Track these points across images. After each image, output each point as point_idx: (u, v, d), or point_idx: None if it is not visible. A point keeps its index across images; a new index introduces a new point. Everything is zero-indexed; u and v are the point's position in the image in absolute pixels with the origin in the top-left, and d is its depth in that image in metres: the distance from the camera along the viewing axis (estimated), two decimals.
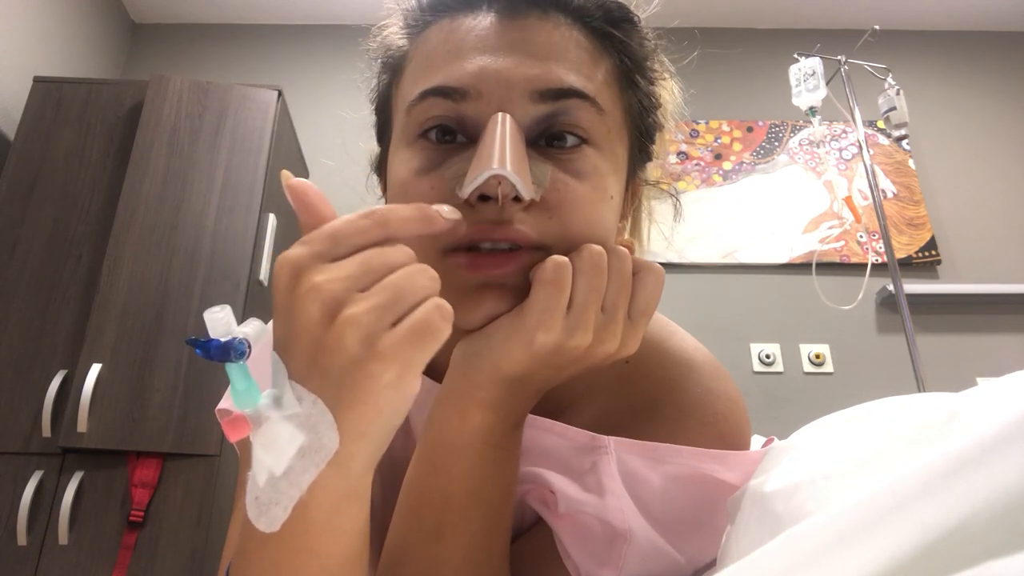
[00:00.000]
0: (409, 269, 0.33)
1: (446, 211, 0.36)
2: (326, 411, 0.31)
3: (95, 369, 1.54)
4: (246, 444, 0.54)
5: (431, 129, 0.43)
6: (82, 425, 1.49)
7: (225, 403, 0.55)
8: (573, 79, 0.42)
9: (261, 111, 1.88)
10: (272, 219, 1.82)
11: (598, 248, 0.40)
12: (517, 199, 0.39)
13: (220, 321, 0.33)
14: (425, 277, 0.33)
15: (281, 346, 0.33)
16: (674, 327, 0.55)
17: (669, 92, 0.53)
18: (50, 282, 1.70)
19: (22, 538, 1.47)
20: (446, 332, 0.32)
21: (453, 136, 0.42)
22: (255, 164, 1.82)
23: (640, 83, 0.48)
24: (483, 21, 0.43)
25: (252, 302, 1.70)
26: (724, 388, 0.51)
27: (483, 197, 0.39)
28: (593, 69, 0.44)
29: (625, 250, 0.41)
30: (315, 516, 0.33)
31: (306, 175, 2.31)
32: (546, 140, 0.42)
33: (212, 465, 1.54)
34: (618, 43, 0.46)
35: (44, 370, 1.62)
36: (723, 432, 0.49)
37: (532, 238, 0.40)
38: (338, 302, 0.31)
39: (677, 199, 0.56)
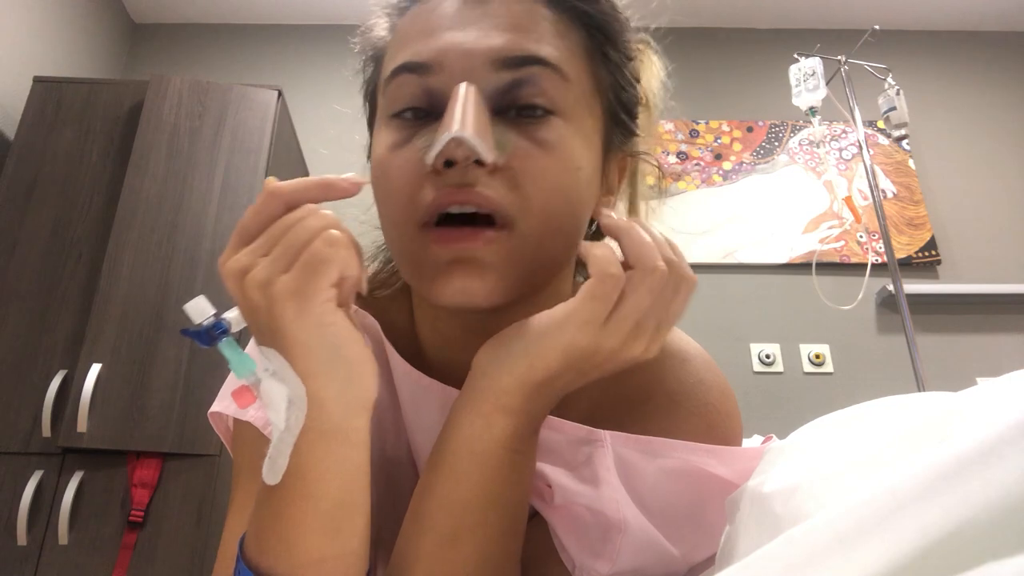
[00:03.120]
0: (302, 220, 0.36)
1: (350, 176, 0.39)
2: (284, 360, 0.36)
3: (95, 369, 1.54)
4: (238, 446, 0.54)
5: (405, 110, 0.44)
6: (82, 425, 1.49)
7: (217, 406, 0.55)
8: (535, 47, 0.43)
9: (261, 111, 1.88)
10: None
11: (662, 271, 0.39)
12: (481, 163, 0.40)
13: (198, 309, 0.38)
14: (317, 218, 0.36)
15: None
16: None
17: (649, 66, 0.54)
18: (50, 282, 1.70)
19: (22, 538, 1.47)
20: (334, 257, 0.35)
21: (428, 115, 0.44)
22: (255, 164, 1.82)
23: (612, 56, 0.48)
24: (449, 2, 0.45)
25: None
26: (716, 380, 0.52)
27: (449, 163, 0.40)
28: (557, 39, 0.44)
29: (691, 279, 0.41)
30: (307, 460, 0.38)
31: (306, 175, 2.31)
32: (515, 111, 0.43)
33: (212, 465, 1.54)
34: (584, 16, 0.46)
35: (44, 370, 1.61)
36: (713, 422, 0.50)
37: (496, 203, 0.40)
38: (244, 270, 0.36)
39: (661, 169, 0.57)
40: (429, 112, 0.43)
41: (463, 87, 0.40)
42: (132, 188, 1.73)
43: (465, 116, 0.39)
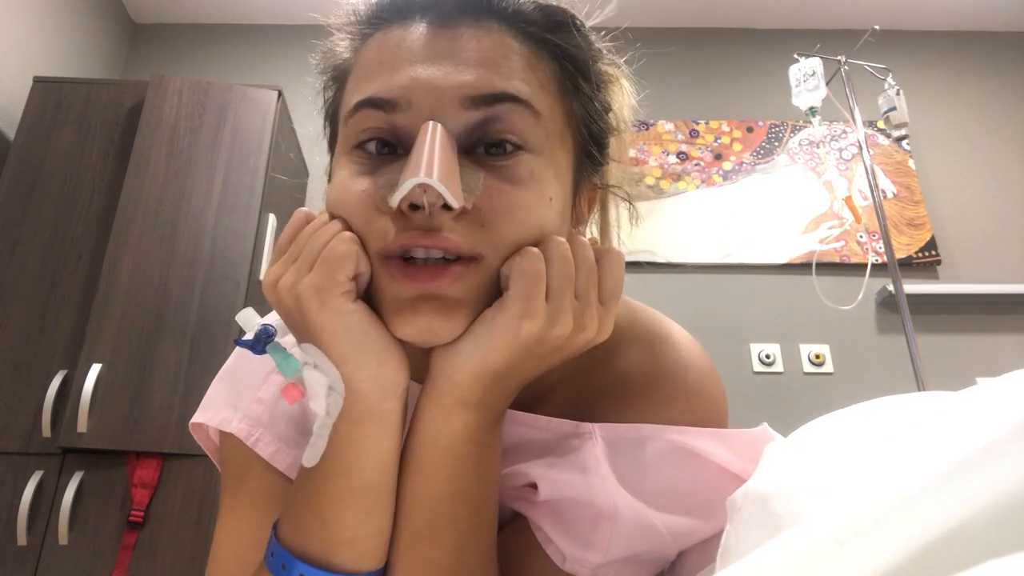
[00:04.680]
0: (321, 227, 0.41)
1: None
2: (321, 352, 0.40)
3: (95, 369, 1.54)
4: (224, 457, 0.54)
5: (368, 141, 0.43)
6: (82, 425, 1.49)
7: (199, 417, 0.55)
8: (505, 83, 0.41)
9: (261, 111, 1.88)
10: (272, 219, 1.82)
11: (561, 239, 0.41)
12: (447, 207, 0.39)
13: (247, 320, 0.43)
14: (332, 225, 0.41)
15: None
16: (642, 305, 0.55)
17: (620, 93, 0.53)
18: (50, 282, 1.70)
19: (22, 538, 1.47)
20: (349, 254, 0.39)
21: (393, 148, 0.43)
22: (255, 164, 1.82)
23: (583, 87, 0.47)
24: (415, 32, 0.43)
25: (252, 302, 1.69)
26: (697, 362, 0.52)
27: (414, 205, 0.39)
28: (528, 74, 0.43)
29: (584, 238, 0.43)
30: (344, 440, 0.41)
31: (306, 175, 2.31)
32: (484, 148, 0.42)
33: (212, 465, 1.52)
34: (556, 48, 0.45)
35: (44, 370, 1.62)
36: (693, 404, 0.50)
37: (463, 248, 0.40)
38: (278, 279, 0.41)
39: (631, 203, 0.56)
40: (394, 146, 0.42)
41: (430, 127, 0.39)
42: (132, 188, 1.73)
43: (432, 159, 0.37)
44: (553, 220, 0.43)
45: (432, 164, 0.37)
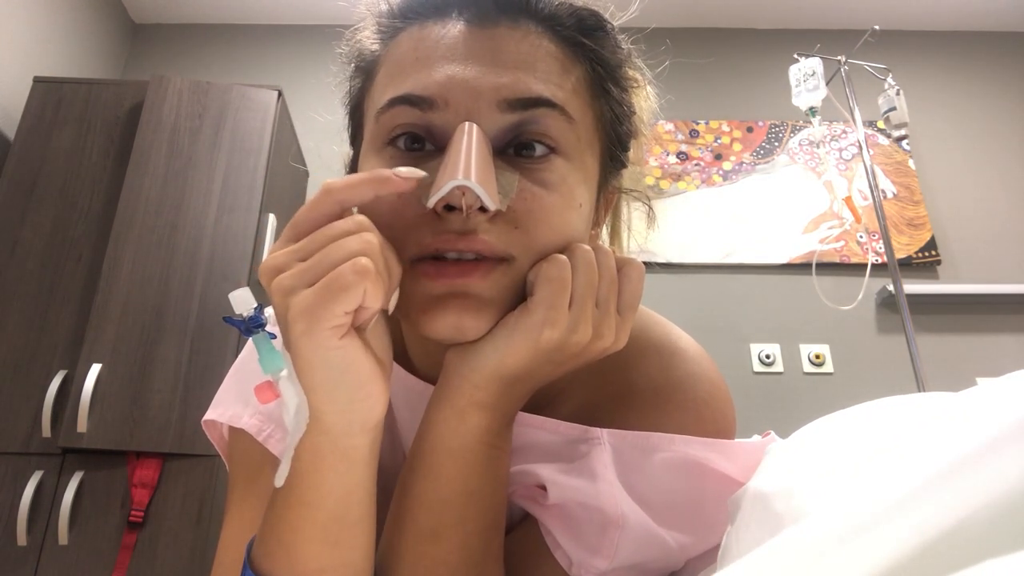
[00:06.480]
0: (344, 238, 0.35)
1: (403, 171, 0.38)
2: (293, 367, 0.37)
3: (95, 369, 1.54)
4: (233, 454, 0.54)
5: (399, 137, 0.42)
6: (82, 425, 1.49)
7: (211, 414, 0.55)
8: (542, 88, 0.42)
9: (261, 111, 1.88)
10: (272, 219, 1.82)
11: (587, 247, 0.41)
12: (483, 209, 0.39)
13: (241, 300, 0.39)
14: (357, 240, 0.35)
15: None
16: (654, 315, 0.56)
17: (644, 99, 0.53)
18: (50, 282, 1.70)
19: (22, 538, 1.47)
20: (356, 286, 0.34)
21: (422, 144, 0.42)
22: (255, 164, 1.82)
23: (612, 91, 0.47)
24: (452, 29, 0.43)
25: None
26: (706, 373, 0.52)
27: (449, 207, 0.39)
28: (563, 78, 0.43)
29: (608, 248, 0.43)
30: (305, 468, 0.38)
31: (306, 175, 2.31)
32: (515, 149, 0.42)
33: (212, 465, 1.54)
34: (589, 51, 0.45)
35: (44, 370, 1.62)
36: (703, 415, 0.49)
37: (497, 248, 0.40)
38: (278, 270, 0.35)
39: (650, 207, 0.56)
40: (427, 144, 0.42)
41: (467, 127, 0.39)
42: (132, 188, 1.73)
43: (469, 161, 0.37)
44: (580, 226, 0.44)
45: (470, 166, 0.37)
